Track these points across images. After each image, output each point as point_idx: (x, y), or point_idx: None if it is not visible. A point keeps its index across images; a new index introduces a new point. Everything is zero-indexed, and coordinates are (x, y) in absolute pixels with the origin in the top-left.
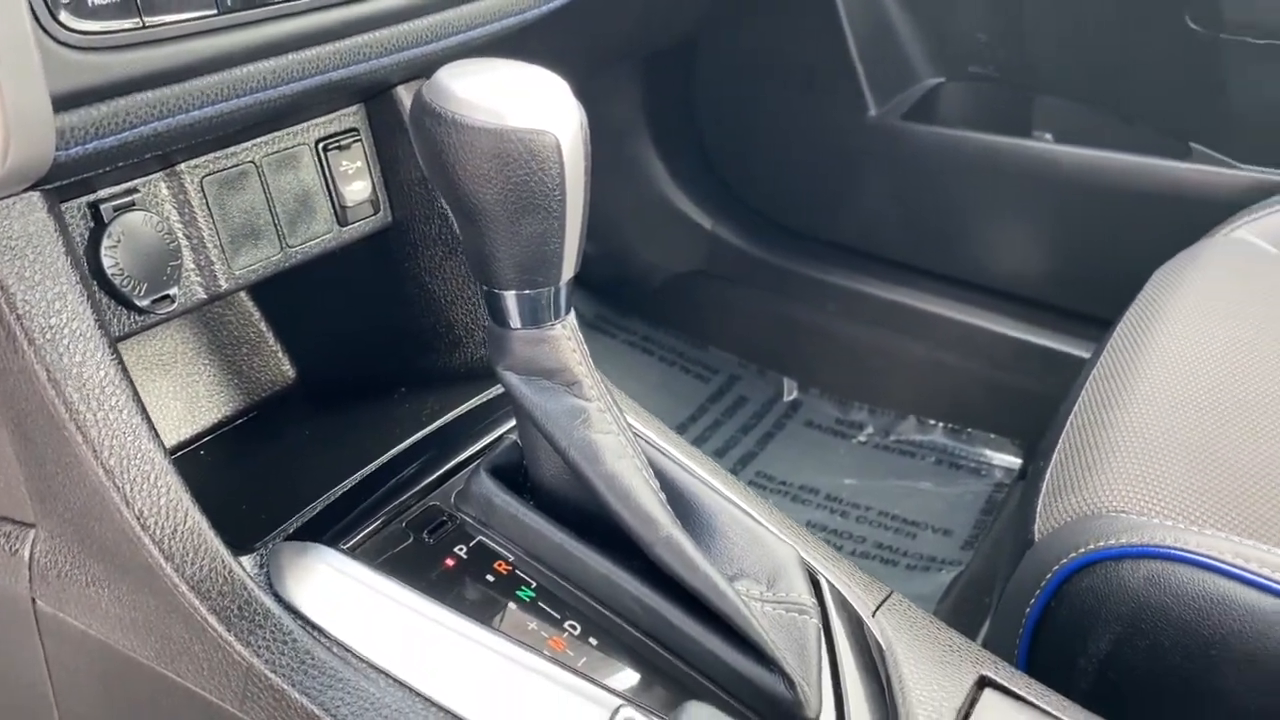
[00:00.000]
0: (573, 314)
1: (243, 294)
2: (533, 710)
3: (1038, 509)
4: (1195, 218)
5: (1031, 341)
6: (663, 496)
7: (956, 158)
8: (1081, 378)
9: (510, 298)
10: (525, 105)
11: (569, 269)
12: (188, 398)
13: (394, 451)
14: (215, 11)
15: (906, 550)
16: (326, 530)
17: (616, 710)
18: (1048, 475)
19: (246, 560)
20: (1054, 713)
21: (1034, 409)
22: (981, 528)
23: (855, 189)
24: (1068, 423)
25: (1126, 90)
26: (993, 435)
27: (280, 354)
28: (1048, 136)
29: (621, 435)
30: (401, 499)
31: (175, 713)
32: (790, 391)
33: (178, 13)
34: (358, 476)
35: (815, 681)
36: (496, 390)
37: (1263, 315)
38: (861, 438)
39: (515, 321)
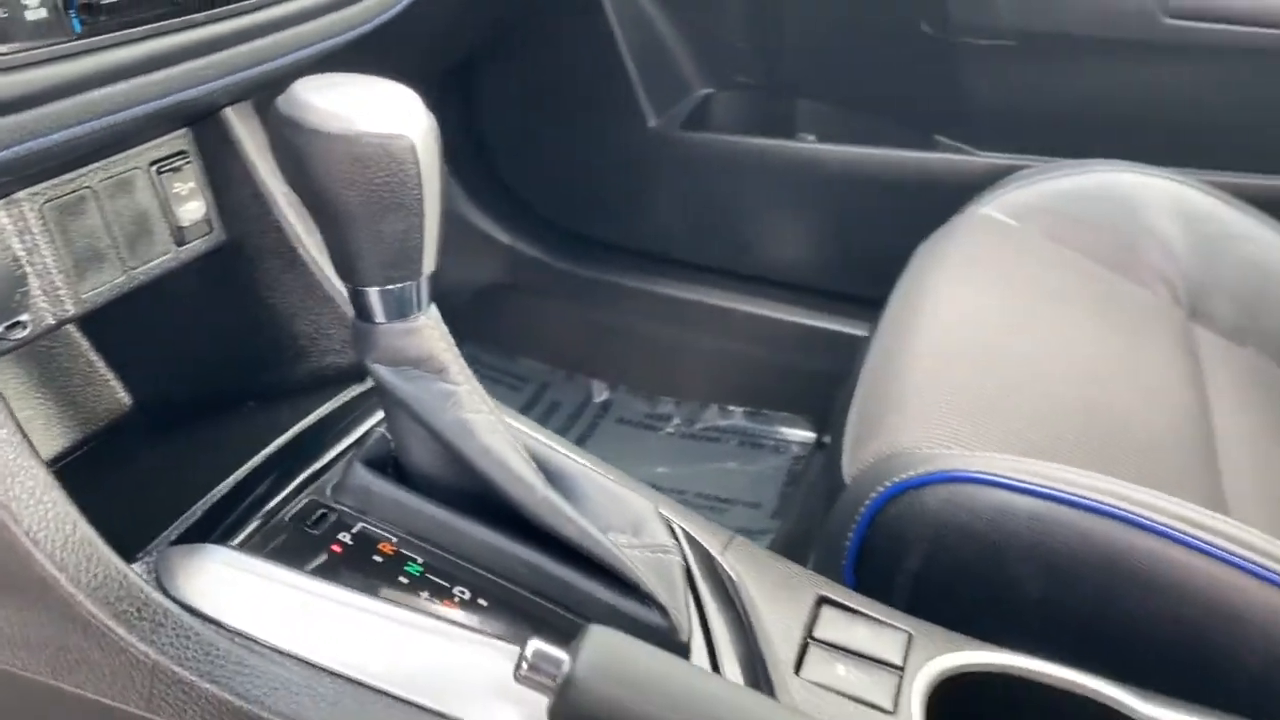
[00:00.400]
0: (434, 305)
1: (70, 325)
2: (441, 666)
3: (844, 459)
4: (945, 200)
5: (815, 325)
6: (533, 465)
7: (731, 161)
8: (864, 349)
9: (375, 294)
10: (380, 113)
11: (429, 263)
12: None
13: (260, 456)
14: (68, 39)
15: (722, 524)
16: (209, 532)
17: (525, 644)
18: (848, 430)
19: (137, 566)
20: (885, 620)
21: (822, 386)
22: (785, 498)
23: (642, 196)
24: (859, 386)
25: (875, 91)
26: (787, 414)
27: (114, 382)
28: (811, 137)
29: (491, 414)
30: (279, 497)
31: None
32: (600, 393)
33: (30, 39)
34: (230, 482)
35: (684, 610)
36: (350, 394)
37: (1010, 276)
38: (670, 429)
39: (381, 316)
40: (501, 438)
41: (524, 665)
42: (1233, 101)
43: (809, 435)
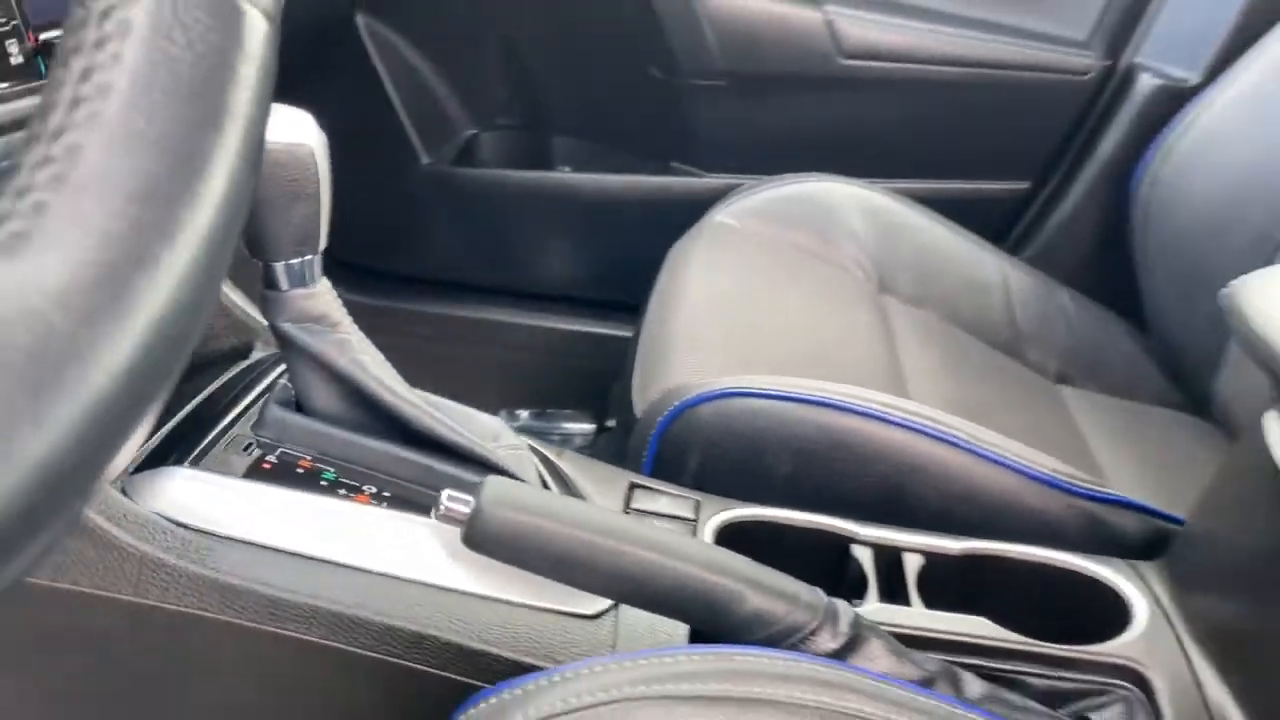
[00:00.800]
0: (324, 276)
1: None
2: (366, 535)
3: (634, 400)
4: (685, 214)
5: (587, 330)
6: (414, 391)
7: (500, 192)
8: (638, 326)
9: (281, 267)
10: (286, 128)
11: (323, 241)
12: None
13: (179, 417)
14: (39, 79)
15: None
16: (161, 461)
17: (440, 496)
18: (635, 381)
19: (111, 489)
20: (679, 493)
21: (597, 383)
22: None
23: (422, 228)
24: (639, 350)
25: (619, 126)
26: (570, 410)
27: None
28: (567, 168)
29: (376, 354)
30: (210, 436)
31: (73, 617)
32: None
33: (15, 80)
34: (167, 428)
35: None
36: (239, 368)
37: (742, 263)
38: None
39: (287, 285)
40: (388, 371)
41: (441, 507)
42: (900, 123)
43: (590, 426)
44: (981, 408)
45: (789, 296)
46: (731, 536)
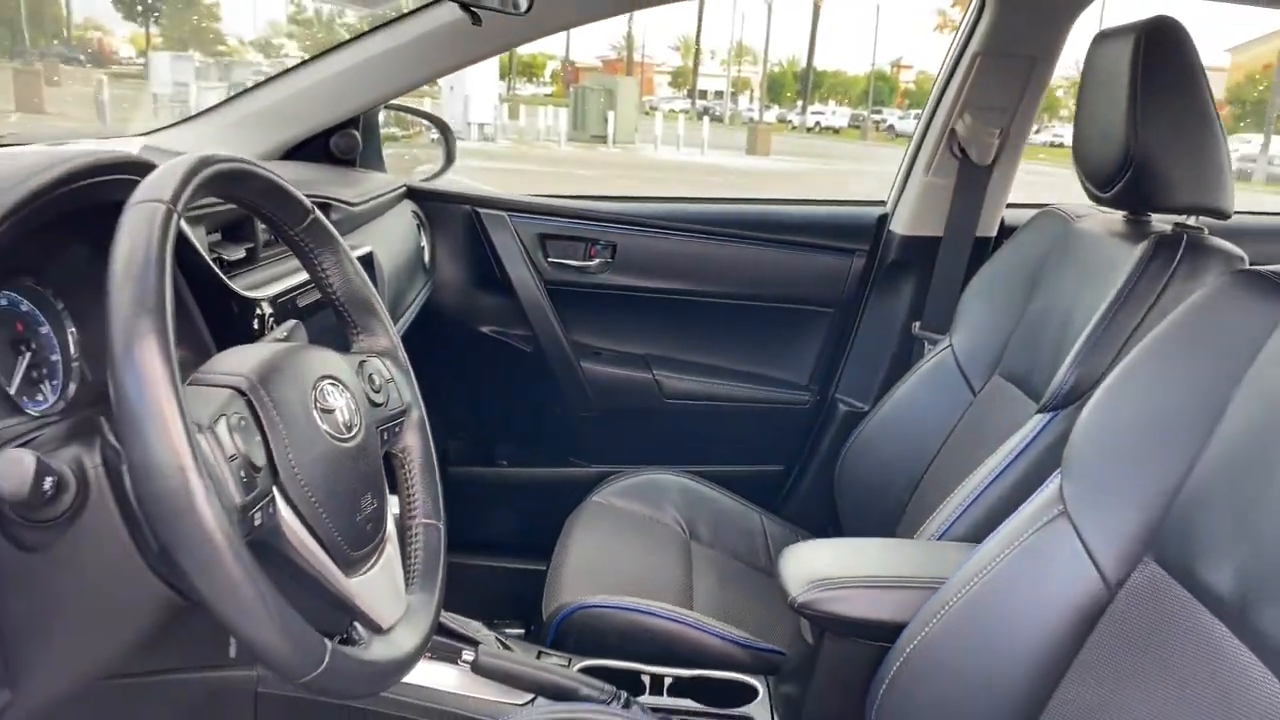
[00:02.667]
0: None
1: None
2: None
3: (543, 608)
4: (580, 492)
5: (514, 566)
6: None
7: (463, 480)
8: (547, 574)
9: None
10: None
11: None
12: None
13: None
14: None
15: None
16: None
17: (475, 652)
18: (545, 597)
19: None
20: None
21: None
22: None
23: None
24: (548, 580)
25: (539, 438)
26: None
27: None
28: (504, 462)
29: None
30: None
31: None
32: None
33: None
34: None
35: None
36: None
37: (609, 526)
38: None
39: None
40: None
41: (476, 660)
42: (699, 434)
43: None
44: (733, 604)
45: (632, 542)
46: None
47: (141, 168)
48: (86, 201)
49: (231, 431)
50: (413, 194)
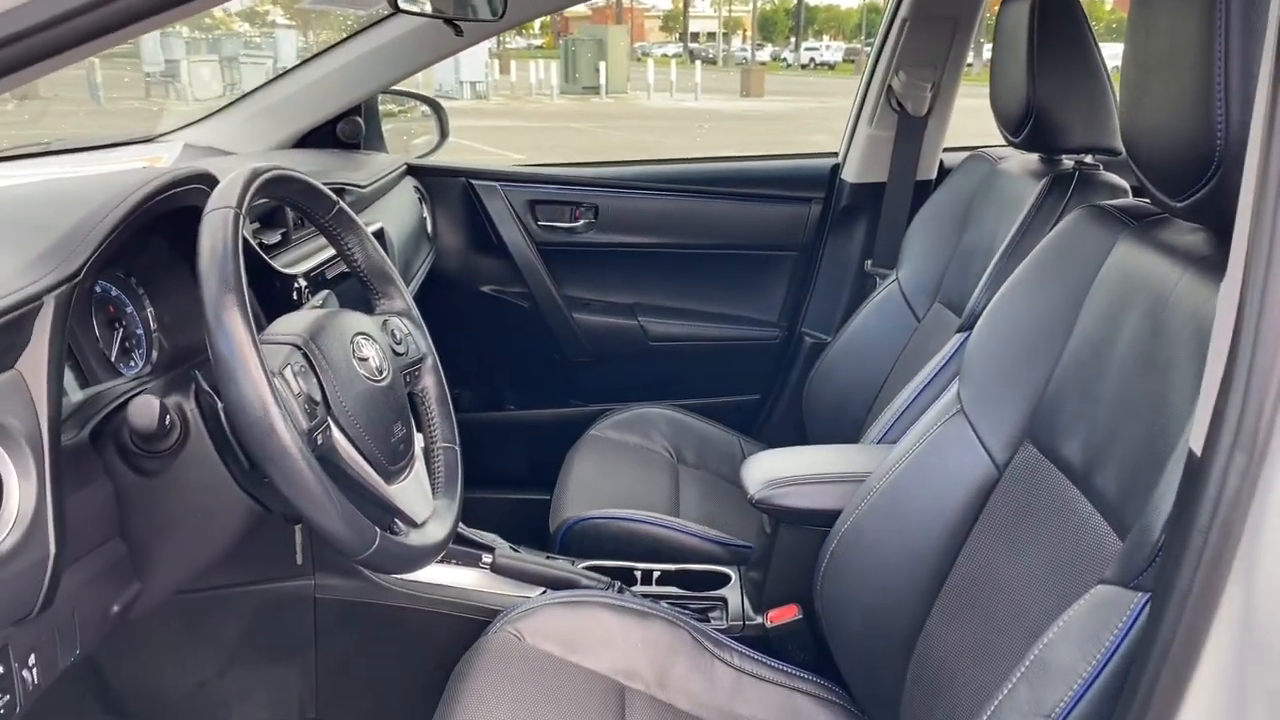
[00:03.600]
0: None
1: None
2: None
3: (550, 523)
4: (578, 427)
5: (524, 498)
6: None
7: (476, 426)
8: (552, 499)
9: None
10: None
11: None
12: None
13: None
14: None
15: None
16: None
17: (491, 555)
18: (550, 516)
19: None
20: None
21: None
22: None
23: None
24: (552, 504)
25: (537, 382)
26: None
27: None
28: (511, 407)
29: None
30: None
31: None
32: None
33: None
34: None
35: None
36: None
37: (605, 455)
38: None
39: None
40: None
41: (492, 560)
42: (680, 371)
43: None
44: (713, 511)
45: (626, 467)
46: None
47: (208, 179)
48: (164, 208)
49: (295, 376)
50: (412, 170)
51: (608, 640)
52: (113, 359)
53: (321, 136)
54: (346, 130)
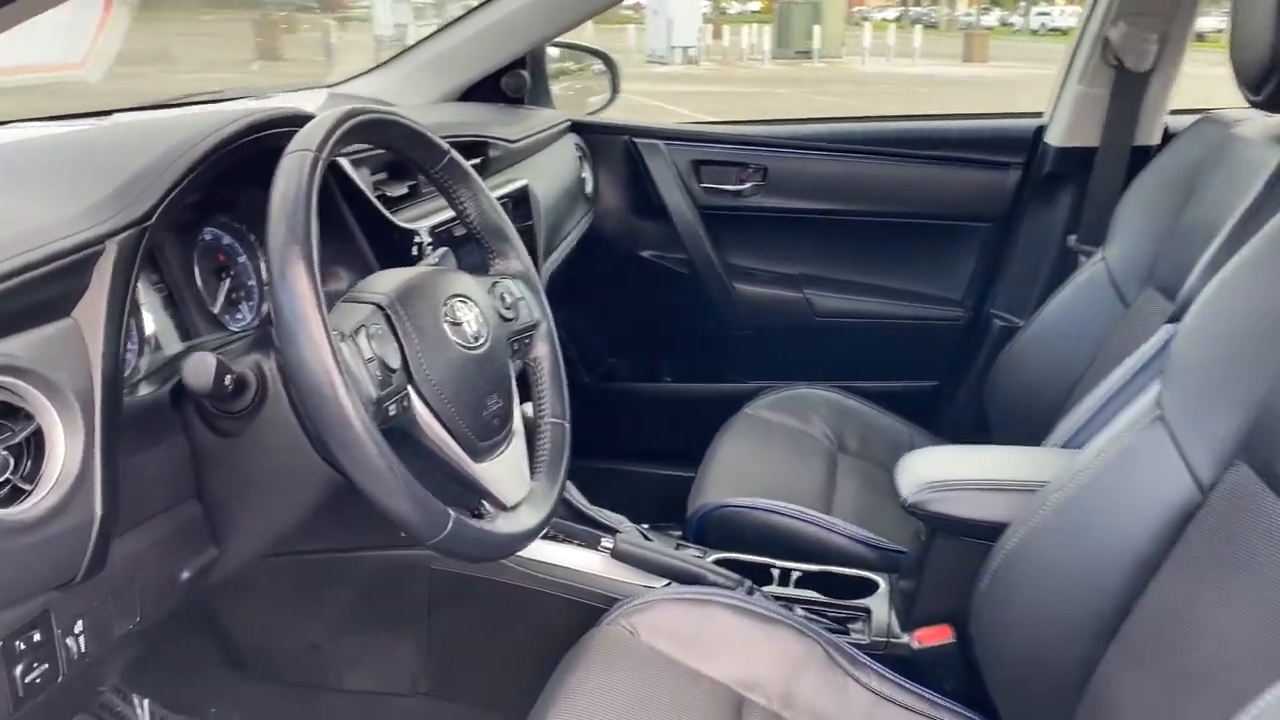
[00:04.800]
0: None
1: None
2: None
3: (689, 506)
4: (731, 405)
5: (669, 473)
6: None
7: (628, 398)
8: (696, 479)
9: None
10: None
11: None
12: None
13: None
14: None
15: None
16: None
17: (612, 539)
18: (690, 497)
19: None
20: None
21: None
22: None
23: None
24: (694, 484)
25: (693, 355)
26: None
27: None
28: (668, 379)
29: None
30: None
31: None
32: None
33: None
34: None
35: None
36: None
37: (758, 435)
38: None
39: None
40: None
41: (612, 544)
42: (848, 350)
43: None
44: (869, 508)
45: (778, 452)
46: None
47: (302, 120)
48: (263, 149)
49: (370, 339)
50: (576, 127)
51: (729, 644)
52: (215, 311)
53: (486, 91)
54: (511, 84)
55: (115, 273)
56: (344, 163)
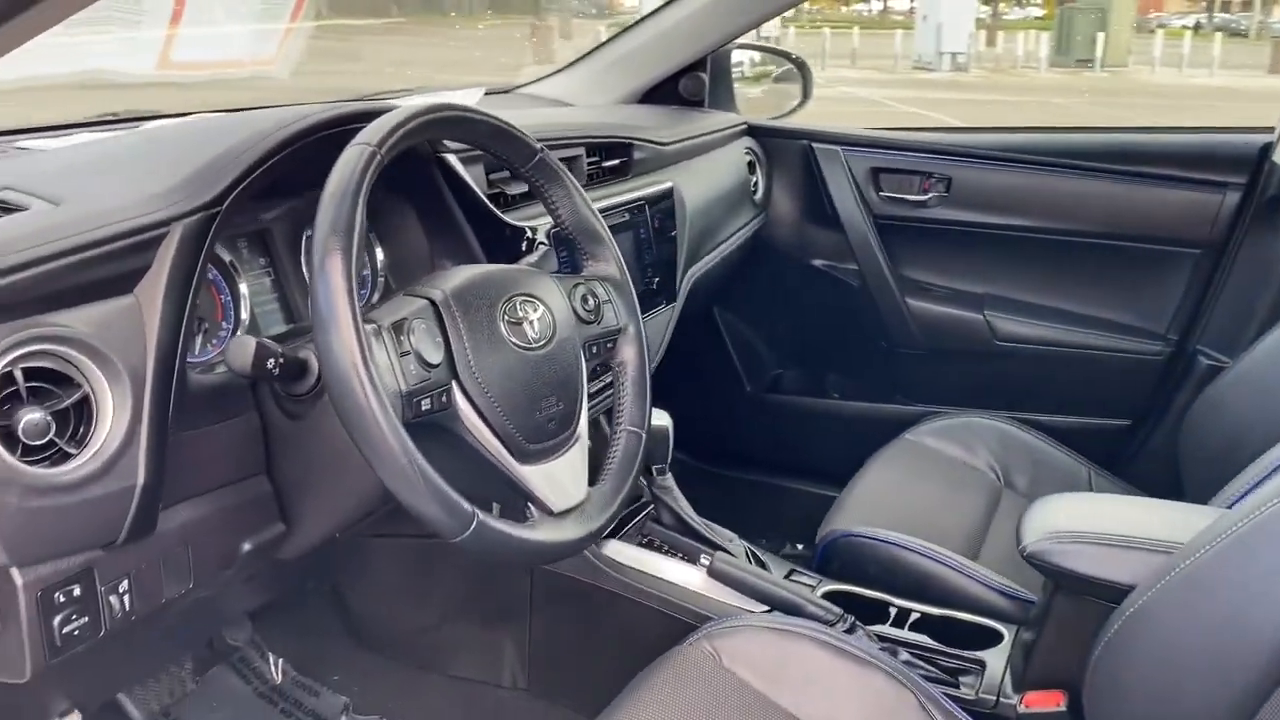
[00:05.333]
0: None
1: None
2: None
3: (818, 531)
4: (893, 429)
5: (814, 491)
6: None
7: (794, 411)
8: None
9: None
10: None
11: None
12: None
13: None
14: None
15: None
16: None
17: (711, 558)
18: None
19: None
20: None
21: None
22: None
23: (745, 434)
24: (834, 505)
25: (857, 372)
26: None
27: None
28: (836, 395)
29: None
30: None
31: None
32: None
33: None
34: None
35: None
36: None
37: (913, 463)
38: None
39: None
40: (686, 505)
41: (709, 563)
42: (1028, 377)
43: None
44: None
45: (933, 483)
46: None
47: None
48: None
49: (410, 333)
50: (754, 131)
51: (812, 681)
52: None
53: (666, 93)
54: (689, 87)
55: (178, 255)
56: (453, 159)
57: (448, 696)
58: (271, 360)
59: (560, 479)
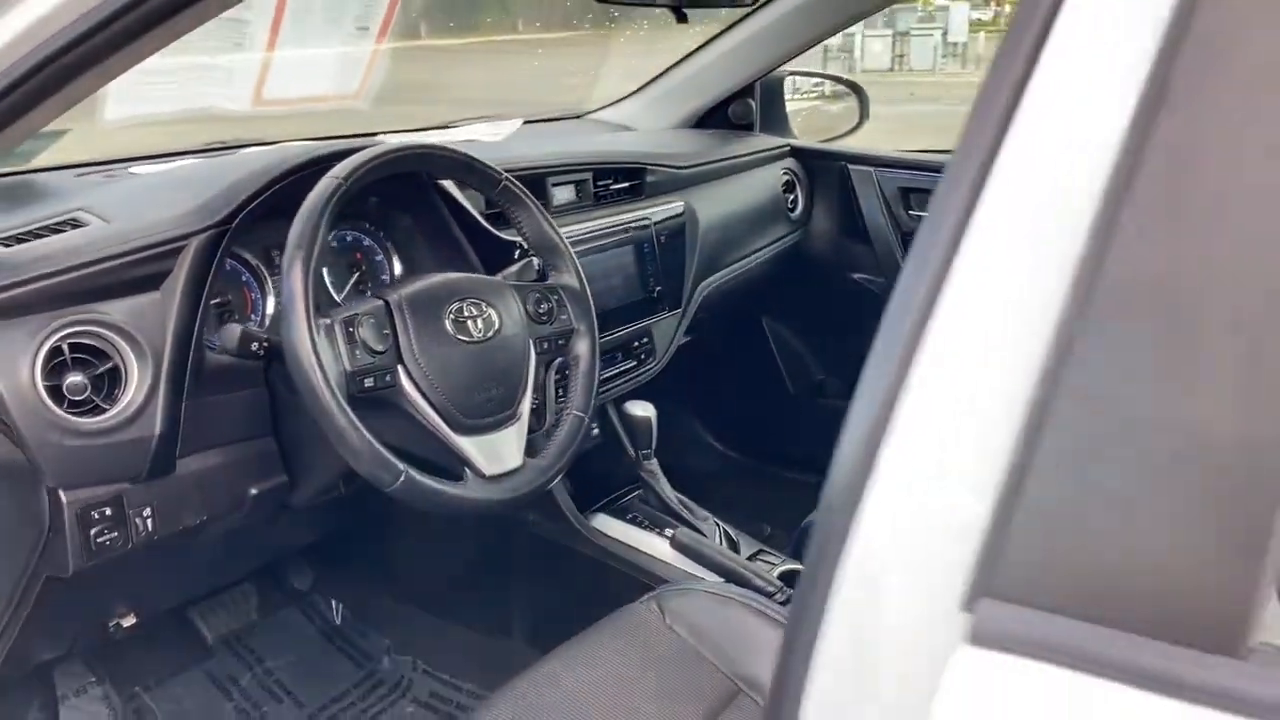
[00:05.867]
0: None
1: None
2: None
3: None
4: None
5: None
6: None
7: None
8: None
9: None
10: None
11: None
12: None
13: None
14: None
15: None
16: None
17: (675, 531)
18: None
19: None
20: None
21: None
22: None
23: (788, 434)
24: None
25: None
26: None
27: None
28: None
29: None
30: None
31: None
32: None
33: None
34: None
35: None
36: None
37: None
38: None
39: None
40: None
41: (673, 535)
42: None
43: None
44: None
45: None
46: None
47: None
48: (388, 175)
49: (359, 326)
50: (796, 152)
51: (743, 643)
52: (339, 299)
53: (719, 118)
54: (737, 111)
55: (194, 262)
56: (449, 186)
57: (462, 644)
58: (256, 344)
59: (496, 449)
